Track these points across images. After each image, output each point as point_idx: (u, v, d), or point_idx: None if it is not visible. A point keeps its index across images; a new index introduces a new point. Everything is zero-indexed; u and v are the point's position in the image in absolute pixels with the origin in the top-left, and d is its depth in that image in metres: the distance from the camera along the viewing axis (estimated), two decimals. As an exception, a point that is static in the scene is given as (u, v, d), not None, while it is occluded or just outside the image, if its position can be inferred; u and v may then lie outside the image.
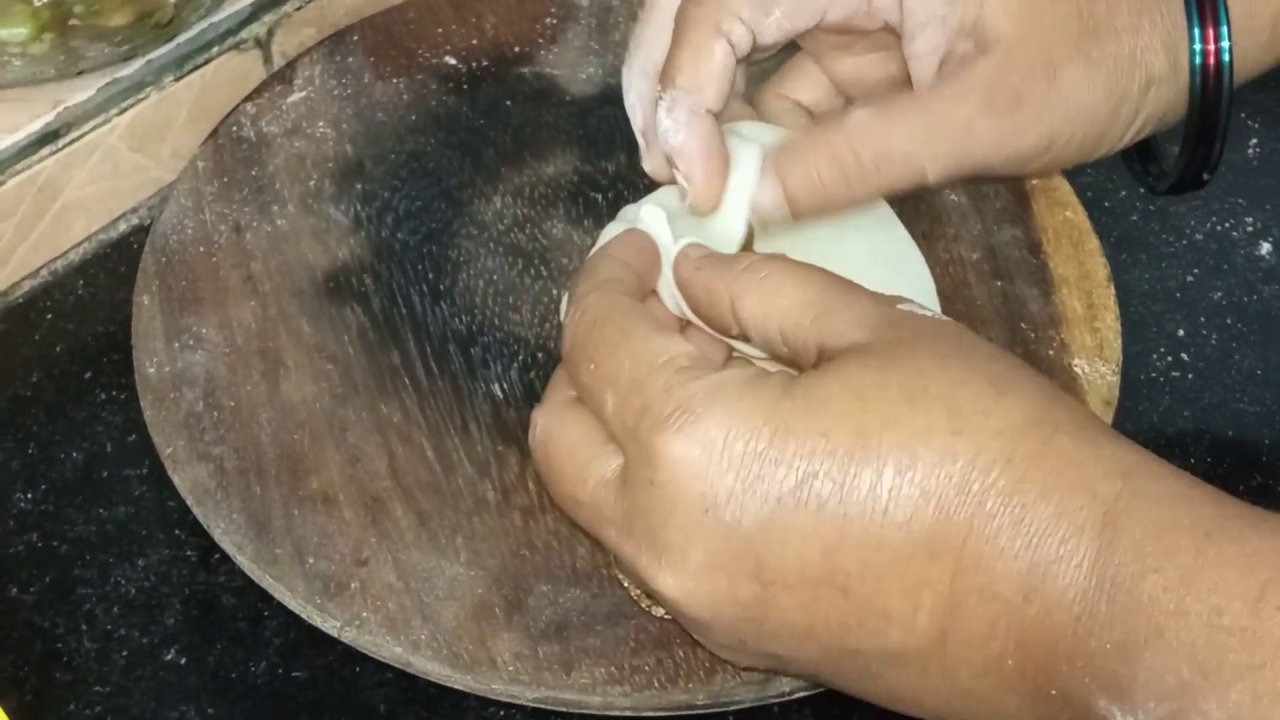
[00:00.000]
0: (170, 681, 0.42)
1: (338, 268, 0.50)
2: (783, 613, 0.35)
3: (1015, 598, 0.33)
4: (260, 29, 0.55)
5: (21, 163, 0.50)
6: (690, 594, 0.35)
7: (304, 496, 0.44)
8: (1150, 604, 0.32)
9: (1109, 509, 0.33)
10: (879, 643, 0.35)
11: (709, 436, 0.35)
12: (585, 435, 0.37)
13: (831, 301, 0.37)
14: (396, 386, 0.47)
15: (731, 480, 0.34)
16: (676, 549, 0.35)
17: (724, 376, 0.36)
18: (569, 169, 0.53)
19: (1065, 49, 0.41)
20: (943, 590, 0.34)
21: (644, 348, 0.37)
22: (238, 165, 0.52)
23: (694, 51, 0.41)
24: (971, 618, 0.34)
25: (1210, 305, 0.52)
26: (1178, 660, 0.31)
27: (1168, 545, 0.32)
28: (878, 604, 0.34)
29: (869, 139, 0.40)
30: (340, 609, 0.41)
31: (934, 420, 0.34)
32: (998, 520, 0.33)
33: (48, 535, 0.45)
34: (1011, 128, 0.41)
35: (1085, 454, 0.34)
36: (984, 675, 0.34)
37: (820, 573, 0.34)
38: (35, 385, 0.49)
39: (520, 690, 0.40)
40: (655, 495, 0.35)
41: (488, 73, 0.55)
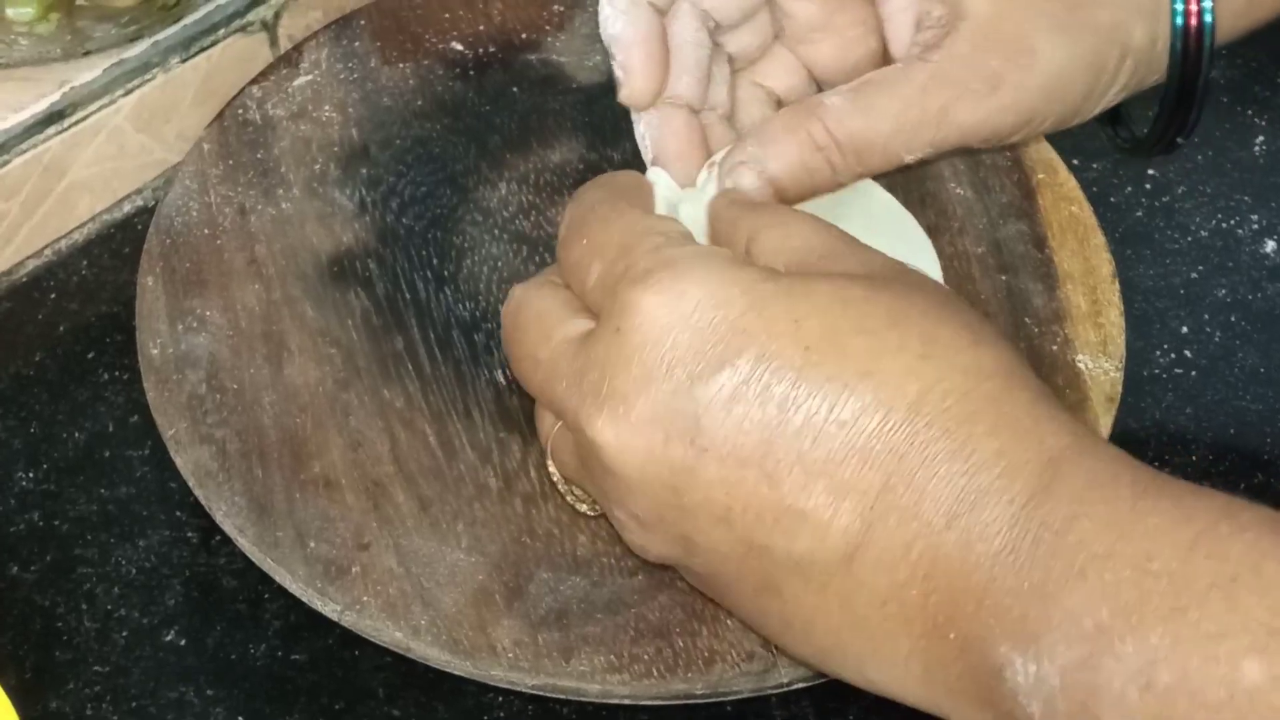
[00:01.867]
0: (170, 662, 0.42)
1: (342, 252, 0.49)
2: (706, 485, 0.35)
3: (937, 520, 0.33)
4: (267, 12, 0.55)
5: (27, 142, 0.50)
6: (624, 446, 0.35)
7: (306, 480, 0.44)
8: (1077, 546, 0.31)
9: (1054, 456, 0.33)
10: (788, 543, 0.34)
11: (684, 294, 0.35)
12: (559, 302, 0.38)
13: (840, 247, 0.37)
14: (399, 372, 0.47)
15: (694, 340, 0.35)
16: (621, 396, 0.35)
17: (713, 250, 0.36)
18: (575, 156, 0.53)
19: (1043, 21, 0.40)
20: (865, 502, 0.33)
21: (639, 221, 0.38)
22: (243, 148, 0.52)
23: None
24: (887, 536, 0.33)
25: (1214, 302, 0.52)
26: (1098, 602, 0.30)
27: (1105, 494, 0.32)
28: (799, 500, 0.34)
29: (845, 127, 0.41)
30: (341, 593, 0.41)
31: (907, 342, 0.34)
32: (939, 444, 0.33)
33: (49, 514, 0.45)
34: (988, 111, 0.41)
35: (1041, 411, 0.34)
36: (882, 604, 0.34)
37: (752, 452, 0.34)
38: (38, 365, 0.49)
39: (519, 677, 0.40)
40: (617, 343, 0.35)
41: (494, 59, 0.55)
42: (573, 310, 0.38)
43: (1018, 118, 0.41)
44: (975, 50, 0.40)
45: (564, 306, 0.38)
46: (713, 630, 0.41)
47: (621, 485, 0.36)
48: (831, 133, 0.41)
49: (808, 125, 0.41)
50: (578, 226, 0.39)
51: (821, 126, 0.41)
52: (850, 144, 0.41)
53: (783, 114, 0.42)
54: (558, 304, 0.38)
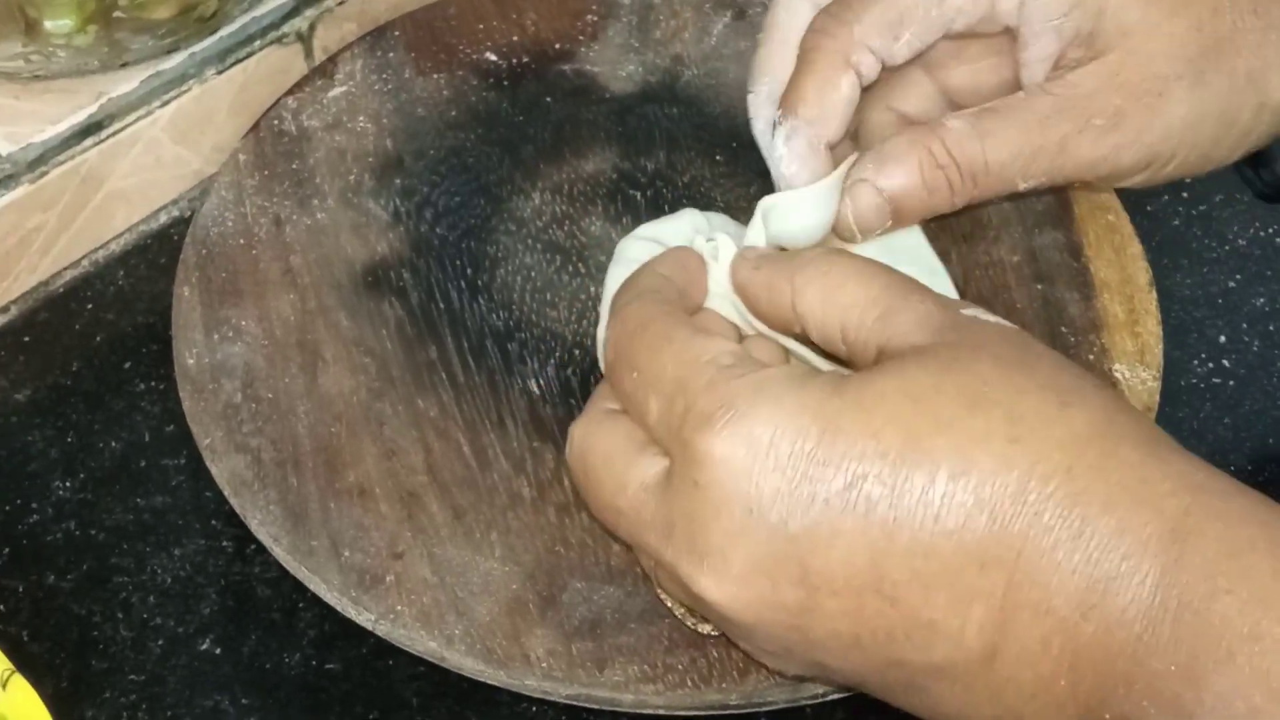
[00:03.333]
0: (205, 671, 0.42)
1: (376, 262, 0.50)
2: (828, 620, 0.34)
3: (1072, 614, 0.32)
4: (302, 23, 0.55)
5: (65, 153, 0.50)
6: (733, 598, 0.34)
7: (340, 489, 0.44)
8: (1222, 625, 0.30)
9: (1176, 525, 0.32)
10: (925, 655, 0.34)
11: (754, 435, 0.34)
12: (624, 442, 0.37)
13: (894, 301, 0.36)
14: (433, 381, 0.47)
15: (777, 481, 0.33)
16: (719, 552, 0.34)
17: (770, 373, 0.35)
18: (608, 166, 0.53)
19: (1177, 66, 0.40)
20: (994, 604, 0.33)
21: (687, 349, 0.36)
22: (278, 159, 0.52)
23: (819, 82, 0.41)
24: (1023, 634, 0.33)
25: (1253, 311, 0.52)
26: (1250, 686, 0.30)
27: (1242, 565, 0.31)
28: (925, 615, 0.33)
29: (964, 150, 0.40)
30: (375, 602, 0.41)
31: (992, 426, 0.33)
32: (1055, 533, 0.32)
33: (86, 524, 0.45)
34: (1108, 147, 0.40)
35: (1151, 468, 0.33)
36: (1033, 697, 0.33)
37: (867, 579, 0.33)
38: (75, 374, 0.49)
39: (553, 687, 0.40)
40: (699, 497, 0.34)
41: (528, 69, 0.55)
42: (639, 446, 0.36)
43: (1137, 158, 0.40)
44: (1102, 87, 0.40)
45: (630, 445, 0.36)
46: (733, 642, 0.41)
47: (743, 631, 0.36)
48: (951, 153, 0.40)
49: (929, 144, 0.40)
50: (625, 355, 0.37)
51: (942, 146, 0.40)
52: (969, 166, 0.40)
53: (904, 133, 0.41)
54: (624, 443, 0.37)
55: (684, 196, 0.52)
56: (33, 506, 0.46)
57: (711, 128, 0.53)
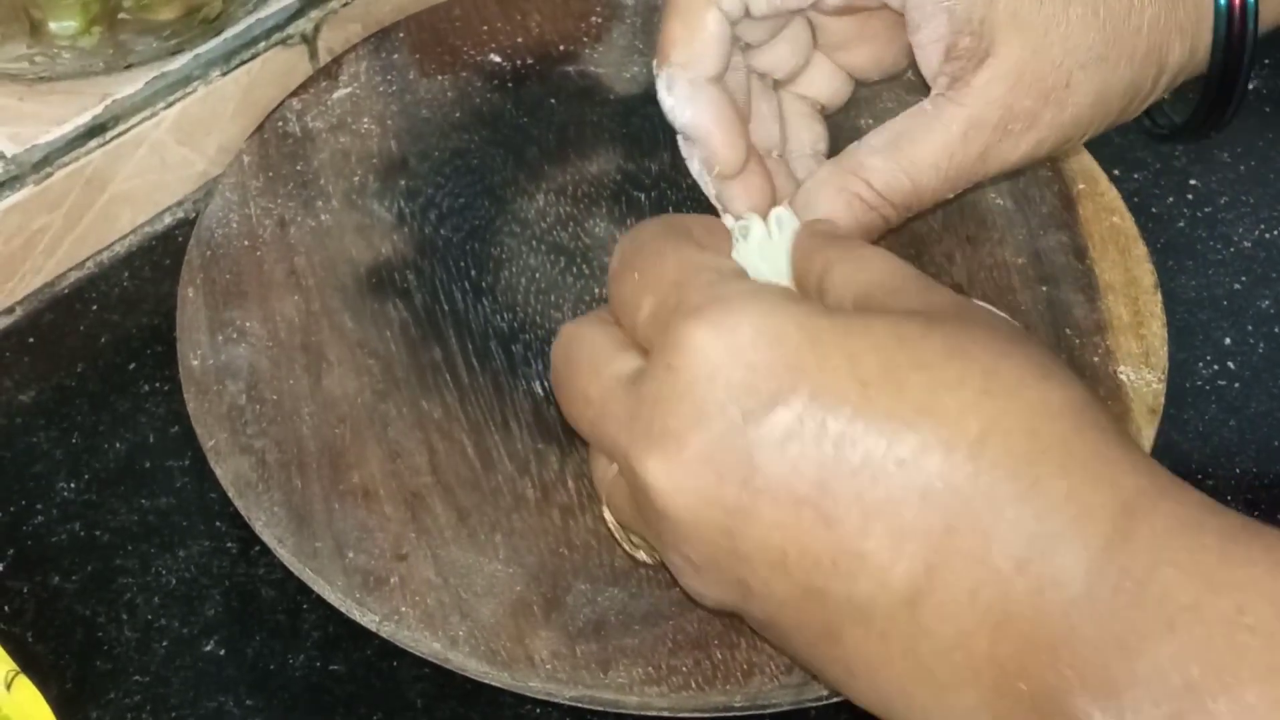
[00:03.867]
0: (209, 672, 0.42)
1: (381, 263, 0.50)
2: (761, 528, 0.34)
3: (1006, 567, 0.31)
4: (307, 25, 0.55)
5: (69, 155, 0.50)
6: (676, 487, 0.34)
7: (345, 491, 0.44)
8: (1163, 597, 0.30)
9: (1129, 501, 0.31)
10: (847, 586, 0.33)
11: (738, 330, 0.34)
12: (609, 338, 0.37)
13: (909, 284, 0.36)
14: (438, 383, 0.47)
15: (748, 377, 0.33)
16: (674, 435, 0.34)
17: (766, 288, 0.35)
18: (612, 168, 0.53)
19: (1079, 55, 0.40)
20: (929, 545, 0.32)
21: (693, 256, 0.37)
22: (283, 160, 0.52)
23: (686, 22, 0.41)
24: (952, 582, 0.32)
25: (1258, 313, 0.51)
26: (1188, 658, 0.29)
27: (1189, 542, 0.31)
28: (857, 542, 0.33)
29: (890, 185, 0.41)
30: (379, 603, 0.41)
31: (967, 377, 0.33)
32: (1005, 486, 0.32)
33: (90, 525, 0.45)
34: (1028, 145, 0.41)
35: (1114, 452, 0.33)
36: (948, 653, 0.32)
37: (808, 492, 0.33)
38: (79, 376, 0.49)
39: (557, 688, 0.40)
40: (669, 380, 0.34)
41: (532, 70, 0.55)
42: (623, 347, 0.37)
43: (1055, 145, 0.41)
44: (1010, 91, 0.40)
45: (614, 343, 0.37)
46: (751, 642, 0.41)
47: (675, 528, 0.35)
48: (879, 192, 0.41)
49: (854, 189, 0.41)
50: (629, 261, 0.38)
51: (867, 188, 0.41)
52: (902, 200, 0.41)
53: (825, 179, 0.41)
54: (608, 340, 0.37)
55: (688, 198, 0.52)
56: (37, 508, 0.46)
57: (716, 129, 0.53)
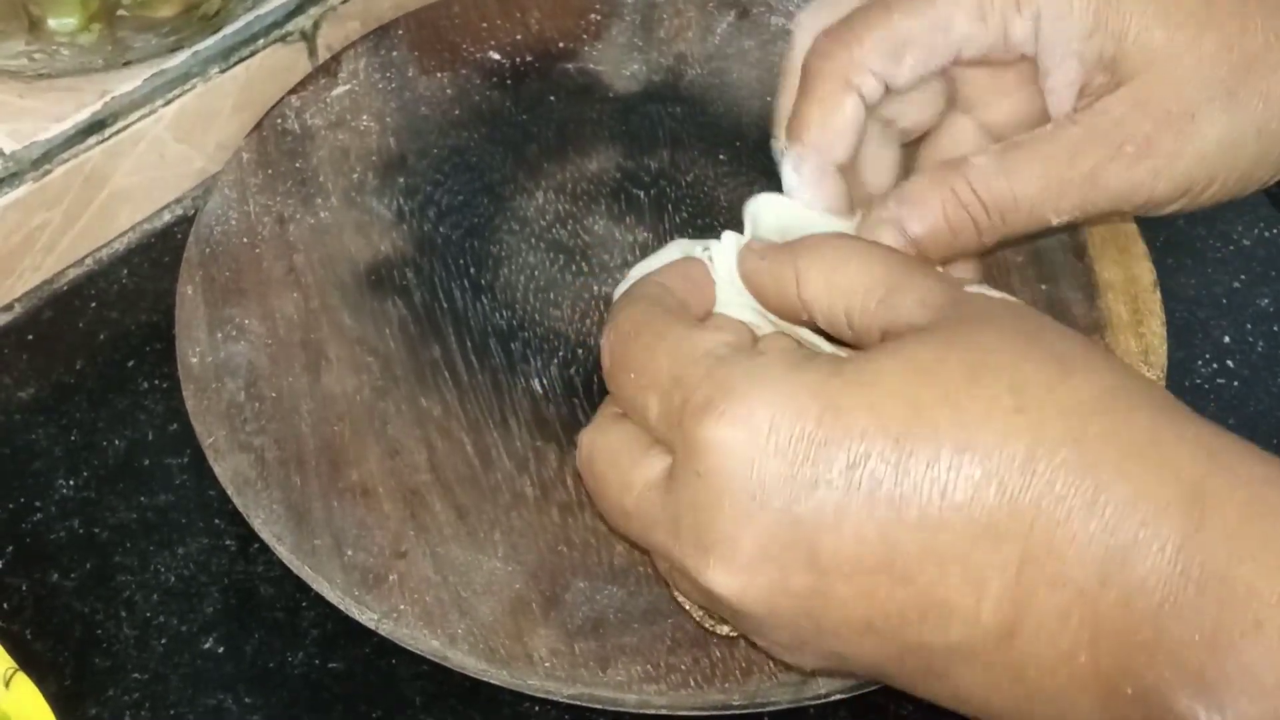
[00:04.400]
0: (208, 670, 0.42)
1: (380, 261, 0.50)
2: (840, 605, 0.33)
3: (1090, 584, 0.31)
4: (306, 22, 0.55)
5: (68, 151, 0.50)
6: (743, 588, 0.34)
7: (343, 488, 0.44)
8: (1248, 593, 0.30)
9: (1195, 490, 0.31)
10: (941, 636, 0.33)
11: (753, 419, 0.33)
12: (629, 443, 0.36)
13: (896, 281, 0.36)
14: (437, 380, 0.47)
15: (779, 464, 0.33)
16: (725, 541, 0.34)
17: (767, 358, 0.35)
18: (611, 165, 0.53)
19: (1208, 89, 0.39)
20: (1009, 578, 0.32)
21: (681, 344, 0.36)
22: (282, 157, 0.52)
23: (822, 106, 0.40)
24: (1041, 608, 0.32)
25: (1257, 312, 0.51)
26: (1278, 657, 0.29)
27: (1265, 530, 0.30)
28: (939, 593, 0.32)
29: (990, 188, 0.39)
30: (378, 601, 0.41)
31: (995, 397, 0.32)
32: (1068, 502, 0.31)
33: (89, 522, 0.45)
34: (1141, 175, 0.39)
35: (1165, 432, 0.32)
36: (1054, 672, 0.32)
37: (877, 559, 0.33)
38: (78, 373, 0.49)
39: (556, 686, 0.40)
40: (701, 487, 0.34)
41: (531, 68, 0.55)
42: (644, 447, 0.36)
43: (1172, 186, 0.39)
44: (1130, 113, 0.39)
45: (634, 445, 0.36)
46: (750, 640, 0.41)
47: (755, 622, 0.35)
48: (976, 192, 0.39)
49: (952, 183, 0.39)
50: (621, 361, 0.37)
51: (966, 185, 0.39)
52: (995, 204, 0.39)
53: (927, 172, 0.41)
54: (628, 444, 0.36)
55: (687, 196, 0.52)
56: (36, 505, 0.46)
57: (715, 127, 0.53)
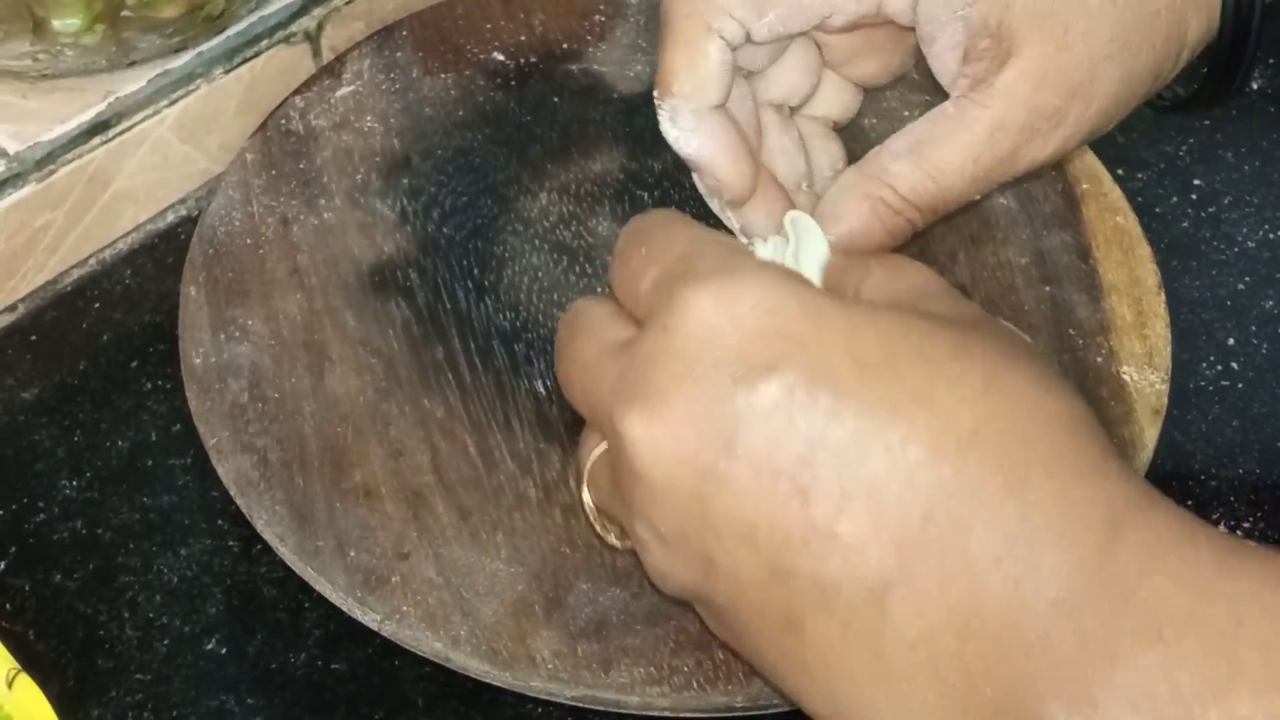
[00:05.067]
0: (210, 671, 0.42)
1: (383, 262, 0.50)
2: (735, 498, 0.33)
3: (982, 561, 0.30)
4: (310, 23, 0.55)
5: (72, 152, 0.50)
6: (654, 443, 0.33)
7: (346, 489, 0.44)
8: (1154, 603, 0.29)
9: (1120, 508, 0.31)
10: (816, 566, 0.32)
11: (739, 297, 0.33)
12: (614, 312, 0.37)
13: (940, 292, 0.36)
14: (440, 382, 0.47)
15: (744, 343, 0.33)
16: (659, 392, 0.33)
17: (777, 265, 0.35)
18: (615, 166, 0.53)
19: (1102, 47, 0.39)
20: (904, 532, 0.31)
21: (706, 233, 0.36)
22: (285, 158, 0.52)
23: (687, 53, 0.40)
24: (924, 572, 0.31)
25: (1261, 314, 0.51)
26: (1177, 667, 0.28)
27: (1183, 553, 0.30)
28: (831, 522, 0.32)
29: (916, 191, 0.40)
30: (380, 602, 0.41)
31: (968, 376, 0.32)
32: (993, 481, 0.31)
33: (92, 522, 0.45)
34: (1056, 144, 0.40)
35: (1109, 465, 0.32)
36: (912, 648, 0.31)
37: (788, 465, 0.32)
38: (82, 373, 0.49)
39: (559, 688, 0.40)
40: (663, 339, 0.34)
41: (535, 69, 0.55)
42: (624, 319, 0.36)
43: (1081, 140, 0.40)
44: (1035, 90, 0.39)
45: (617, 315, 0.37)
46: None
47: (648, 491, 0.34)
48: (905, 198, 0.40)
49: (880, 194, 0.40)
50: (637, 238, 0.37)
51: (893, 193, 0.40)
52: (928, 204, 0.40)
53: (850, 186, 0.40)
54: (610, 312, 0.37)
55: (691, 196, 0.51)
56: (39, 505, 0.46)
57: (719, 128, 0.53)
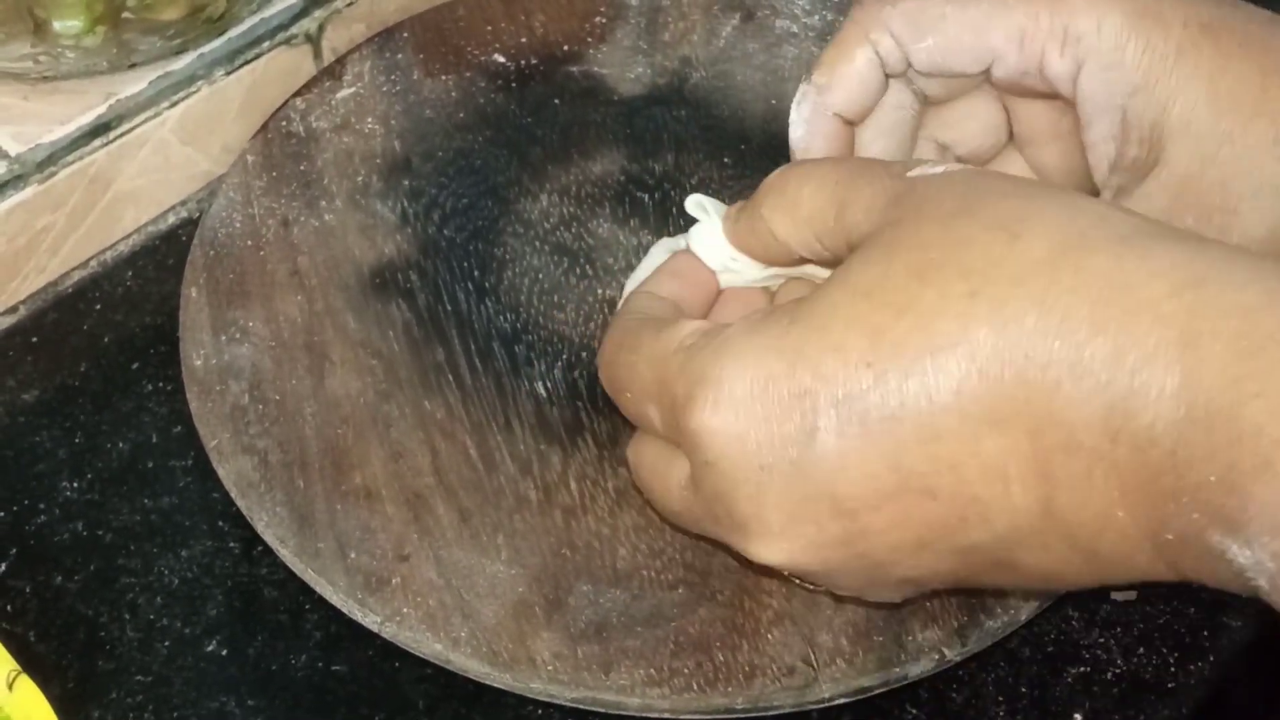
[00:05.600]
0: (211, 672, 0.42)
1: (384, 264, 0.50)
2: (882, 536, 0.33)
3: (1101, 442, 0.30)
4: (311, 24, 0.55)
5: (73, 154, 0.50)
6: (789, 554, 0.34)
7: (347, 491, 0.44)
8: (1255, 433, 0.28)
9: (1184, 329, 0.30)
10: (988, 531, 0.33)
11: (732, 396, 0.34)
12: (658, 450, 0.38)
13: (845, 194, 0.36)
14: (440, 383, 0.47)
15: (770, 429, 0.33)
16: (754, 518, 0.34)
17: (729, 332, 0.35)
18: (616, 168, 0.53)
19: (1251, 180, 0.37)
20: (1025, 457, 0.31)
21: (654, 349, 0.37)
22: (286, 160, 0.52)
23: (837, 49, 0.41)
24: (1065, 476, 0.31)
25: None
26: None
27: (1265, 363, 0.29)
28: (967, 493, 0.32)
29: None
30: (381, 604, 0.41)
31: (946, 289, 0.32)
32: (1053, 369, 0.31)
33: (93, 524, 0.45)
34: None
35: (1134, 272, 0.31)
36: (1101, 534, 0.32)
37: (895, 484, 0.33)
38: (83, 375, 0.49)
39: (559, 690, 0.40)
40: (715, 474, 0.35)
41: (536, 71, 0.55)
42: (670, 453, 0.37)
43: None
44: (1173, 203, 0.38)
45: (662, 451, 0.37)
46: (753, 644, 0.41)
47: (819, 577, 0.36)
48: None
49: None
50: (614, 384, 0.38)
51: None
52: None
53: None
54: (657, 451, 0.38)
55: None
56: (40, 507, 0.46)
57: (720, 130, 0.53)
